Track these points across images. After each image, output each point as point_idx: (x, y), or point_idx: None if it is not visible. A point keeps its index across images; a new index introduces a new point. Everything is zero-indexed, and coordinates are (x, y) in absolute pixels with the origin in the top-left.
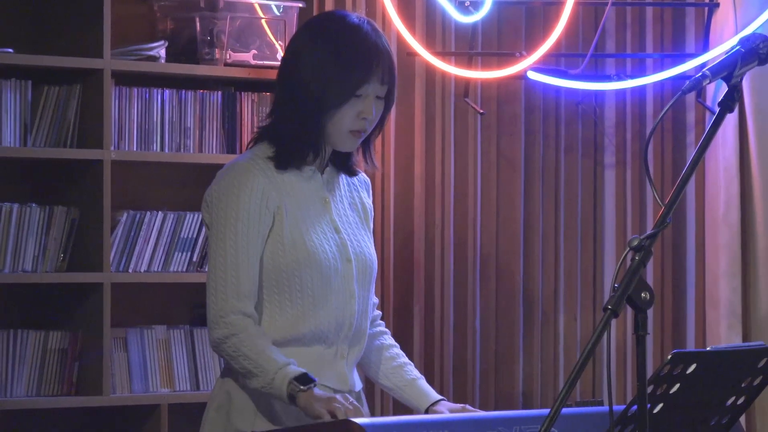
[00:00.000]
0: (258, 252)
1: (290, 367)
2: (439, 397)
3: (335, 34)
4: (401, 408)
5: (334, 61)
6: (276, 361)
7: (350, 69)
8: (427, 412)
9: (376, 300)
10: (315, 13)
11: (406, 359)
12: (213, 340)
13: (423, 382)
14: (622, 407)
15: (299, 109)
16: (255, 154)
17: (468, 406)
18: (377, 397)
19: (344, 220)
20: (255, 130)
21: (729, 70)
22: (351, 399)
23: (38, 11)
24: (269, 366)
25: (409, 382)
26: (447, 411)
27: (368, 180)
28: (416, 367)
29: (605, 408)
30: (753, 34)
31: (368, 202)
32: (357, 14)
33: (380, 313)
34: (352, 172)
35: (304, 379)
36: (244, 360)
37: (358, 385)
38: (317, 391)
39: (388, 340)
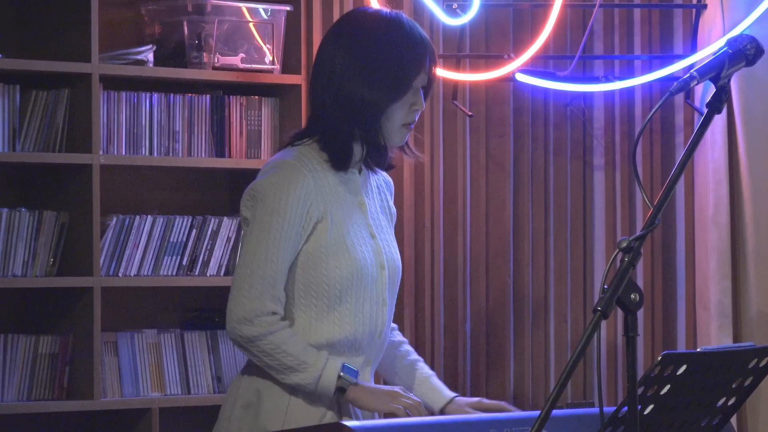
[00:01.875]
0: (293, 256)
1: (330, 361)
2: (453, 393)
3: (380, 33)
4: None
5: (388, 60)
6: (319, 356)
7: (404, 65)
8: (443, 411)
9: None
10: (303, 16)
11: (416, 356)
12: (244, 336)
13: (435, 379)
14: (613, 409)
15: (357, 113)
16: (300, 152)
17: (484, 399)
18: None
19: (377, 224)
20: (290, 134)
21: (717, 71)
22: (410, 394)
23: (26, 16)
24: (314, 361)
25: (422, 380)
26: (465, 407)
27: (391, 182)
28: None
29: (596, 409)
30: (740, 36)
31: (392, 204)
32: (385, 8)
33: None
34: (390, 166)
35: (348, 371)
36: (284, 356)
37: None
38: (366, 383)
39: (398, 336)
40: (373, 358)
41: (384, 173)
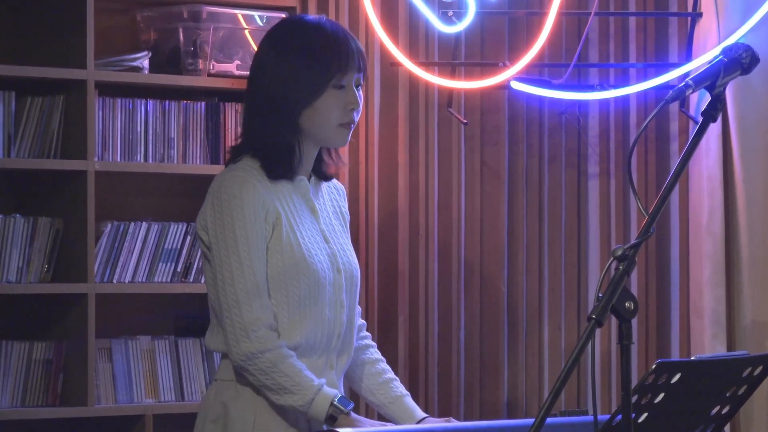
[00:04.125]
0: (265, 263)
1: (327, 388)
2: (424, 414)
3: (296, 37)
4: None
5: (301, 55)
6: (313, 381)
7: (318, 64)
8: None
9: (359, 309)
10: None
11: (392, 375)
12: (242, 353)
13: (409, 400)
14: (607, 417)
15: (275, 114)
16: (242, 167)
17: (452, 419)
18: (361, 405)
19: (330, 229)
20: (234, 143)
21: (712, 79)
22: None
23: (21, 22)
24: (308, 385)
25: (395, 398)
26: None
27: (343, 187)
28: (401, 377)
29: (590, 418)
30: (736, 44)
31: (346, 209)
32: (316, 15)
33: (365, 323)
34: (327, 176)
35: (342, 401)
36: (280, 377)
37: None
38: (355, 415)
39: (375, 354)
40: (335, 362)
41: (334, 180)
